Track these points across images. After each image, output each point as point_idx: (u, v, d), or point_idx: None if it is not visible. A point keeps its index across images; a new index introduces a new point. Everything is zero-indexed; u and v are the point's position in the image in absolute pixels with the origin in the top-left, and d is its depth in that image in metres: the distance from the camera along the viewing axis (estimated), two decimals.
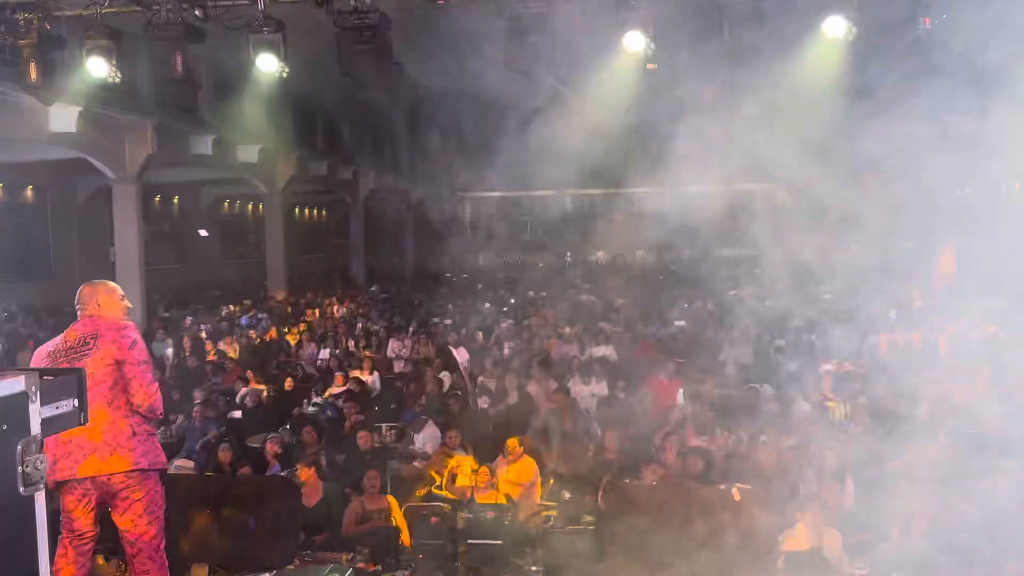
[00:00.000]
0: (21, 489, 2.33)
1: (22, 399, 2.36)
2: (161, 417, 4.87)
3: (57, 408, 2.50)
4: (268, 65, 8.33)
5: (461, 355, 13.22)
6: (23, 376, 2.40)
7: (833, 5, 8.06)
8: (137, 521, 4.65)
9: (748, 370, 11.32)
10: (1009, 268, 7.05)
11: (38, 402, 2.45)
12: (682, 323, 15.55)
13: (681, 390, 9.83)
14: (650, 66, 8.22)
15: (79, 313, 4.81)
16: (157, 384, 4.74)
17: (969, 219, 8.48)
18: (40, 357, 4.77)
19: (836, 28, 8.19)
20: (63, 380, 2.56)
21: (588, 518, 6.83)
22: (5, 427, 2.31)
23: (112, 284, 4.95)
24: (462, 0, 7.81)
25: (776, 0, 7.79)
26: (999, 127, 7.42)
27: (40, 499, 2.43)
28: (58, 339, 4.78)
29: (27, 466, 2.34)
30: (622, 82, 8.59)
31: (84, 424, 2.54)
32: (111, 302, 4.82)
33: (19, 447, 2.33)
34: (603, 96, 9.32)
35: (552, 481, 7.96)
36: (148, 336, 16.77)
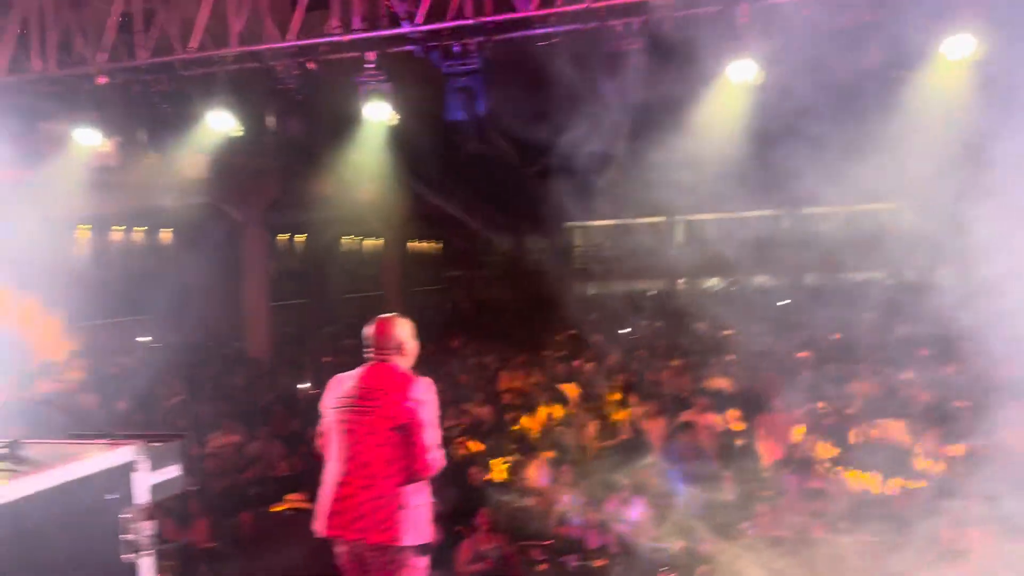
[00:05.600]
0: (123, 555, 2.39)
1: (127, 469, 2.43)
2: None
3: (162, 475, 2.58)
4: (378, 113, 8.63)
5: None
6: (131, 447, 2.48)
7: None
8: None
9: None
10: None
11: (147, 471, 2.52)
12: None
13: None
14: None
15: (374, 354, 4.25)
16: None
17: None
18: (331, 390, 4.31)
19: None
20: (169, 447, 2.63)
21: None
22: (110, 496, 2.38)
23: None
24: (560, 39, 7.85)
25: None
26: None
27: (146, 565, 2.49)
28: (351, 377, 4.26)
29: (131, 533, 2.41)
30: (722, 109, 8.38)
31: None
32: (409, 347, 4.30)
33: (123, 515, 2.40)
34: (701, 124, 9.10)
35: None
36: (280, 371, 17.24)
